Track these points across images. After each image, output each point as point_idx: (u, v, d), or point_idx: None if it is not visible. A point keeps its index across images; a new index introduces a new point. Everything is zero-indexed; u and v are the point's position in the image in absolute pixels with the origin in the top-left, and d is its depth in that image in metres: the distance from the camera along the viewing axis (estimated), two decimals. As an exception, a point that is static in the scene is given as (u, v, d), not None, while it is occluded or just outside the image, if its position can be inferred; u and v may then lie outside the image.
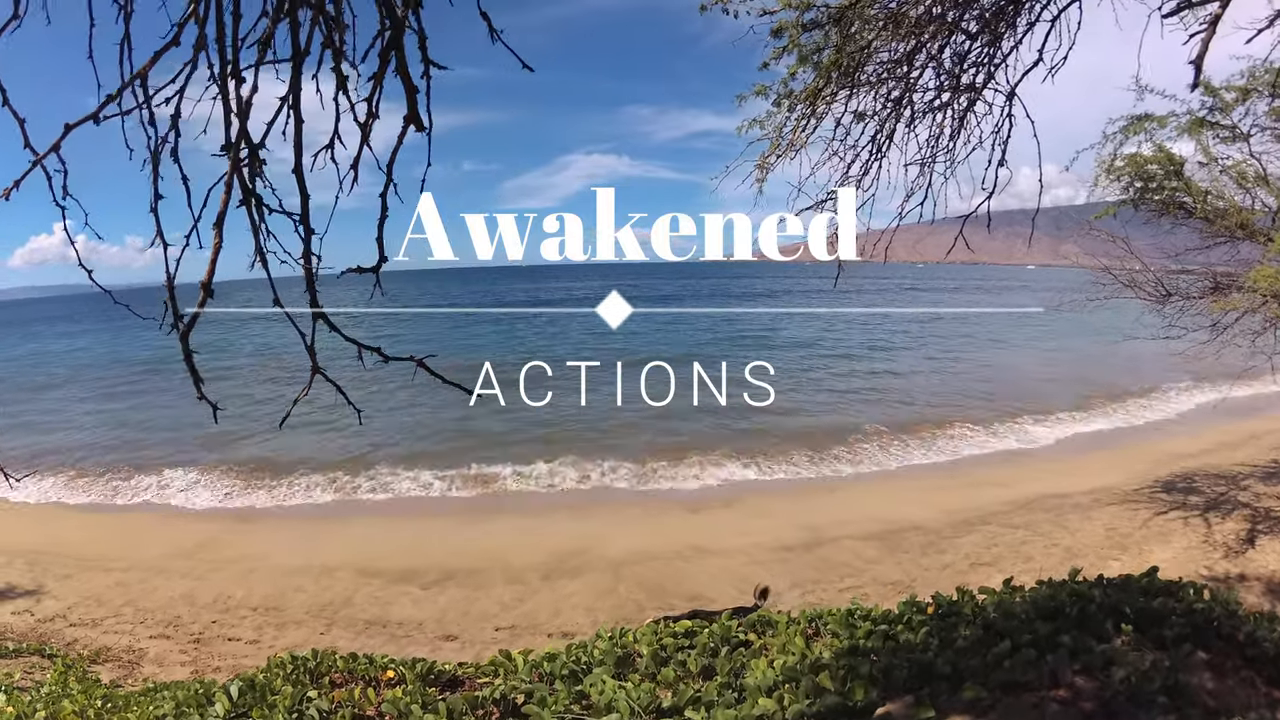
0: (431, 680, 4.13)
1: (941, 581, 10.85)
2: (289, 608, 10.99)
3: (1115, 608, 4.48)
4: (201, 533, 14.88)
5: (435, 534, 14.08)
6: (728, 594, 10.84)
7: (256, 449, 20.74)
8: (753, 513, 14.71)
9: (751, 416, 22.31)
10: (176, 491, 17.61)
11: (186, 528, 15.27)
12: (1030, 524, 13.14)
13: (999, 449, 18.94)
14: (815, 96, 3.66)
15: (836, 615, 4.33)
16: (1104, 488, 15.19)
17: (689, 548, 12.65)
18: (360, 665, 4.37)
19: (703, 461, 17.86)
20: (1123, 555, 11.61)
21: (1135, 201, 11.68)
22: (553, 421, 23.34)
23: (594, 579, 11.53)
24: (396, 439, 21.66)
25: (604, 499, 15.82)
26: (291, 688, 4.16)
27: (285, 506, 16.27)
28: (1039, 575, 10.36)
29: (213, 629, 10.36)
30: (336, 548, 13.51)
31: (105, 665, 9.14)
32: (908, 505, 14.73)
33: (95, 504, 17.11)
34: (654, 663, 3.91)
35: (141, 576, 12.45)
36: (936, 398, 25.89)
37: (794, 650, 3.89)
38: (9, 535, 14.86)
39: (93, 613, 11.11)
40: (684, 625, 4.32)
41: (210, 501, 16.86)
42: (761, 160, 3.88)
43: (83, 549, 13.99)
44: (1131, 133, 10.47)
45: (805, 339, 43.86)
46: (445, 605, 10.83)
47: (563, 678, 3.86)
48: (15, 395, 34.37)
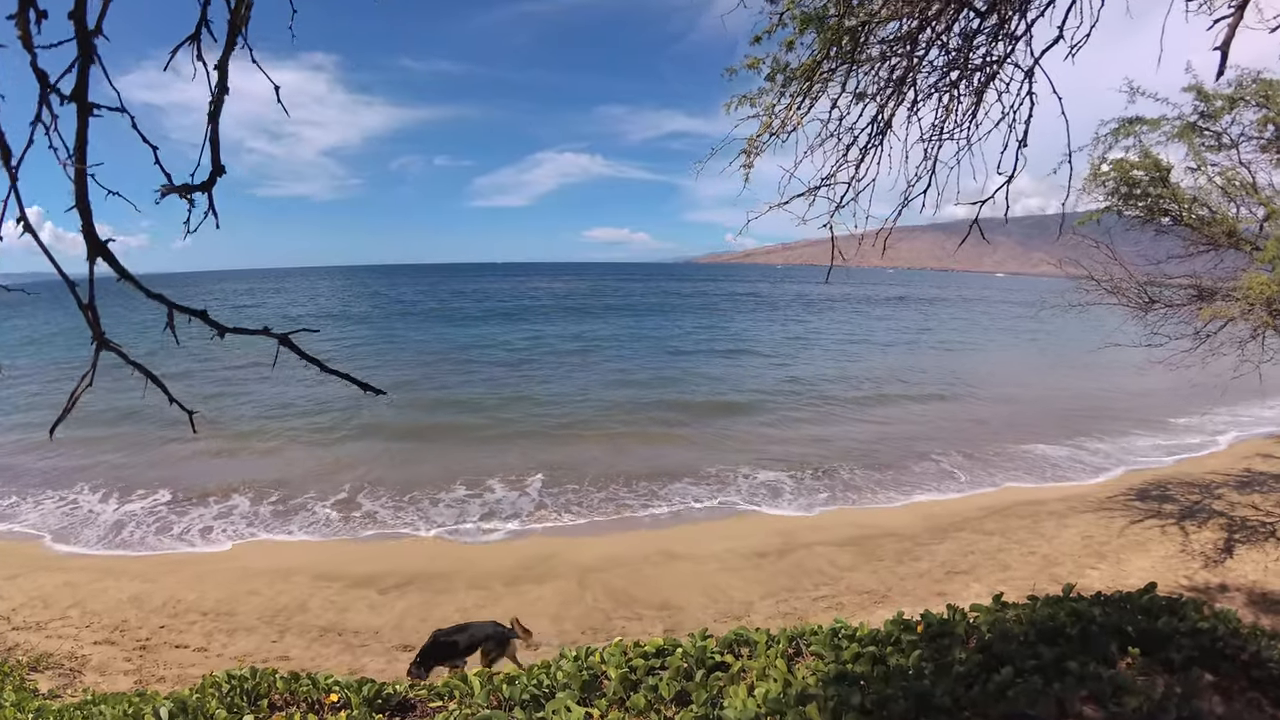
0: (379, 705, 3.77)
1: (919, 590, 10.66)
2: (241, 612, 10.50)
3: (1118, 628, 4.25)
4: (160, 529, 14.32)
5: (397, 538, 13.64)
6: (698, 601, 10.55)
7: (219, 440, 20.15)
8: (725, 516, 14.48)
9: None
10: (137, 487, 16.90)
11: (144, 527, 14.62)
12: (1005, 530, 13.01)
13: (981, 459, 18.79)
14: (814, 71, 3.34)
15: (820, 635, 4.02)
16: (1077, 495, 15.16)
17: (659, 553, 12.34)
18: (302, 687, 3.99)
19: (675, 467, 17.63)
20: (1101, 564, 11.48)
21: (1119, 208, 11.57)
22: (513, 412, 23.06)
23: (560, 586, 11.16)
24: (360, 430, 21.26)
25: (571, 502, 15.42)
26: (226, 712, 3.78)
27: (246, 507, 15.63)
28: (1017, 585, 10.30)
29: (160, 634, 9.84)
30: (295, 550, 13.04)
31: (45, 673, 8.62)
32: (882, 510, 14.60)
33: (48, 500, 16.35)
34: (623, 687, 3.58)
35: (92, 577, 11.89)
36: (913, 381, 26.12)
37: (776, 675, 3.57)
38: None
39: (38, 615, 10.54)
40: (654, 644, 3.98)
41: (173, 496, 16.16)
42: (750, 143, 3.55)
43: (31, 548, 13.40)
44: (1122, 135, 10.34)
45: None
46: (404, 611, 10.40)
47: (523, 704, 3.52)
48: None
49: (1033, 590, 9.25)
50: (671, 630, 9.59)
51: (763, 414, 23.55)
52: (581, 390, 27.96)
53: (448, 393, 27.45)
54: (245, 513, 15.11)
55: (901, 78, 3.75)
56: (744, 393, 27.39)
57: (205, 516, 14.99)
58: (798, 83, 3.38)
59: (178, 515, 15.03)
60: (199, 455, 18.79)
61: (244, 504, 15.51)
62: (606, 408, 24.53)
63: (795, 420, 22.73)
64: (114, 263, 1.24)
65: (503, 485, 16.44)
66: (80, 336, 43.32)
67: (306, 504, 15.42)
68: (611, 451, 18.80)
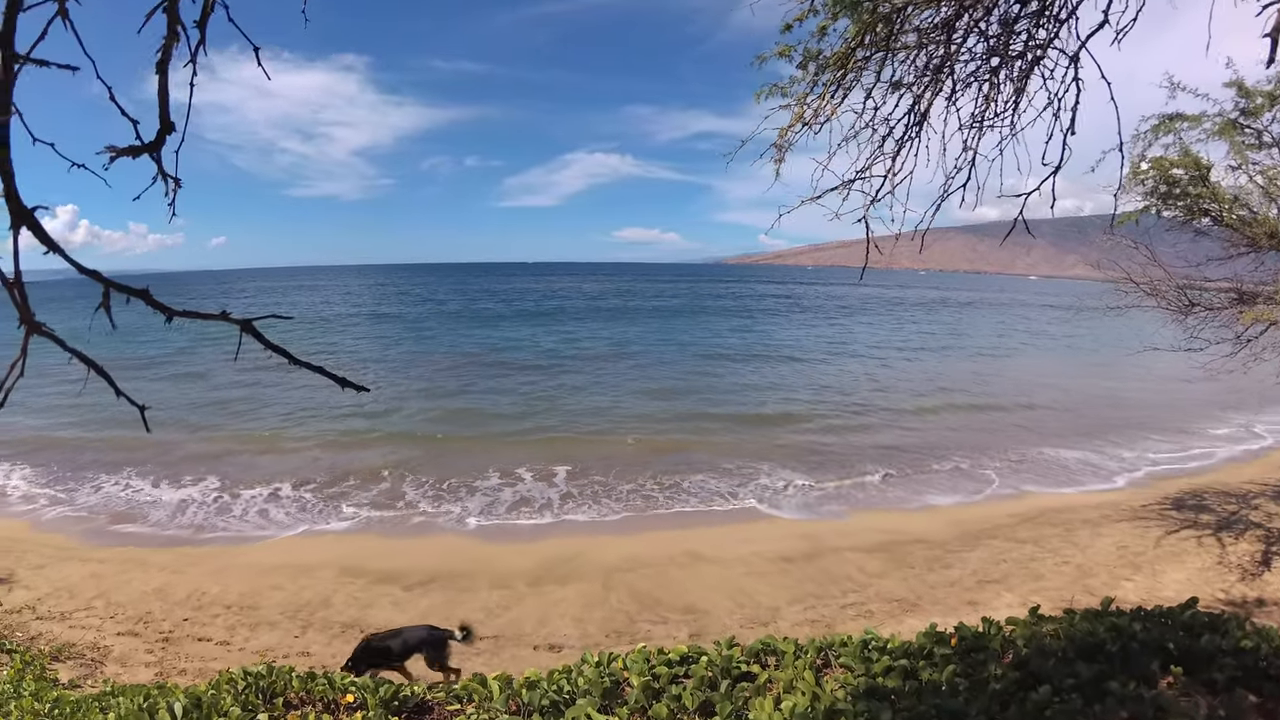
0: (396, 707, 3.69)
1: (950, 599, 10.43)
2: (264, 606, 10.51)
3: (1159, 645, 4.09)
4: (186, 523, 14.48)
5: (421, 535, 13.60)
6: (724, 606, 10.38)
7: (249, 440, 20.35)
8: (752, 519, 14.27)
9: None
10: (163, 481, 17.10)
11: (173, 519, 14.80)
12: (1038, 539, 12.70)
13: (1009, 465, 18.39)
14: (847, 59, 3.20)
15: (850, 647, 3.88)
16: (1112, 503, 14.79)
17: (684, 555, 12.18)
18: (319, 686, 3.92)
19: (705, 467, 17.53)
20: (1136, 575, 11.17)
21: (1158, 208, 11.25)
22: (544, 417, 22.98)
23: (584, 587, 11.04)
24: (382, 428, 21.38)
25: (595, 500, 15.34)
26: (240, 710, 3.72)
27: (271, 502, 15.74)
28: (1051, 595, 10.03)
29: (183, 627, 9.87)
30: (320, 545, 13.05)
31: (67, 663, 8.66)
32: (911, 515, 14.33)
33: (76, 493, 16.57)
34: (645, 695, 3.46)
35: (118, 568, 11.99)
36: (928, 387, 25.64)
37: (804, 688, 3.44)
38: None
39: (62, 605, 10.63)
40: (678, 651, 3.86)
41: (201, 493, 16.35)
42: (782, 134, 3.41)
43: (60, 538, 13.55)
44: (1161, 132, 10.02)
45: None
46: (427, 609, 10.35)
47: (542, 710, 3.42)
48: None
49: (1067, 602, 9.04)
50: (697, 635, 9.46)
51: (792, 418, 23.26)
52: (612, 391, 27.82)
53: (478, 394, 27.34)
54: (273, 507, 15.25)
55: (939, 66, 3.60)
56: (773, 397, 27.11)
57: (233, 510, 15.15)
58: (831, 71, 3.24)
59: (206, 509, 15.19)
60: (230, 452, 19.00)
61: (272, 499, 15.66)
62: (636, 410, 24.40)
63: (825, 424, 22.44)
64: (40, 233, 1.12)
65: (531, 483, 16.49)
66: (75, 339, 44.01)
67: (333, 501, 15.50)
68: (640, 452, 18.70)
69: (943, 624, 4.57)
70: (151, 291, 1.24)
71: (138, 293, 1.20)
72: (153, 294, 1.26)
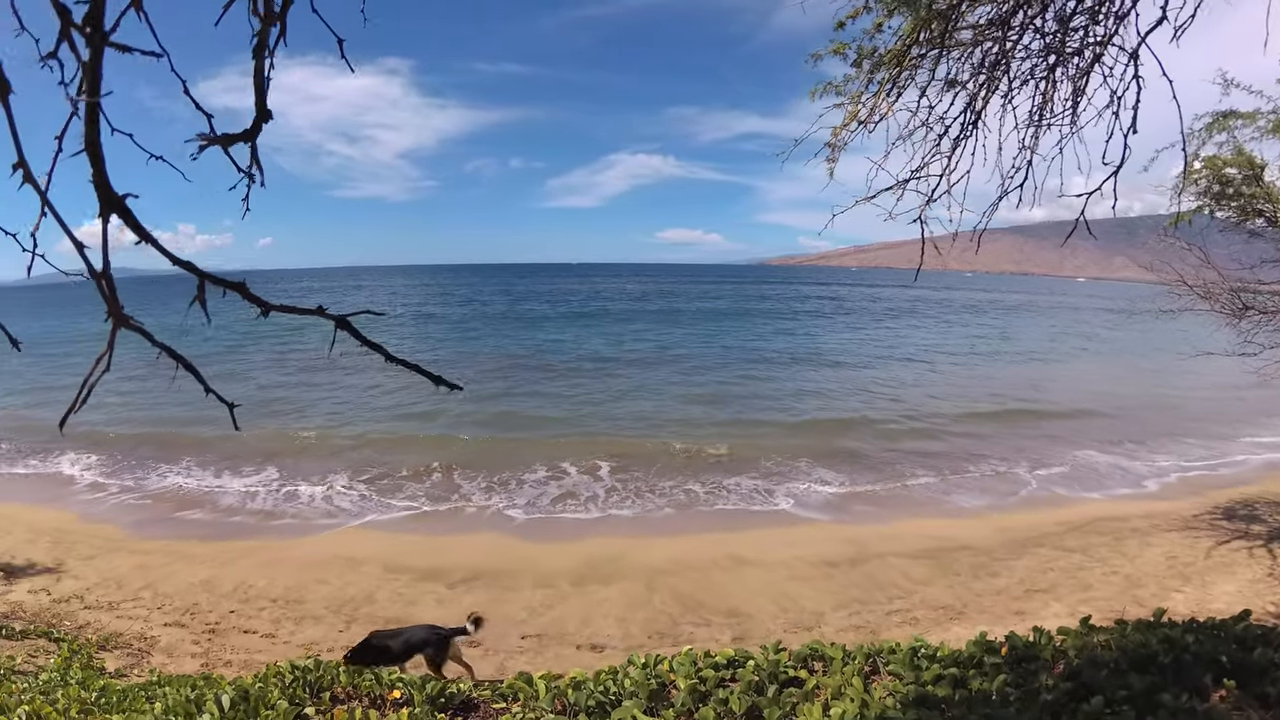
0: (442, 704, 3.71)
1: (996, 608, 10.23)
2: (309, 600, 10.67)
3: (1212, 658, 3.99)
4: (234, 516, 14.83)
5: (465, 532, 13.72)
6: (767, 610, 10.29)
7: (294, 437, 20.77)
8: (795, 523, 14.16)
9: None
10: (225, 474, 17.61)
11: (221, 513, 15.18)
12: (1086, 548, 12.40)
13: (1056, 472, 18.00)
14: (903, 57, 3.14)
15: (900, 654, 3.81)
16: (1161, 512, 14.40)
17: (728, 558, 12.09)
18: (365, 682, 3.96)
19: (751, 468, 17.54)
20: (1185, 586, 10.87)
21: (1211, 209, 10.92)
22: (589, 420, 23.00)
23: (627, 587, 11.02)
24: (428, 427, 21.60)
25: (640, 502, 15.36)
26: (287, 703, 3.77)
27: (321, 497, 16.10)
28: (1099, 606, 9.81)
29: (229, 619, 10.05)
30: (365, 540, 13.23)
31: (114, 652, 8.84)
32: (957, 521, 14.09)
33: (128, 486, 17.04)
34: (691, 698, 3.44)
35: (165, 560, 12.26)
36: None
37: (852, 695, 3.39)
38: (37, 512, 14.86)
39: (110, 595, 10.90)
40: (725, 655, 3.83)
41: (253, 485, 16.80)
42: (835, 133, 3.36)
43: (110, 530, 13.90)
44: (1215, 130, 9.72)
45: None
46: (470, 606, 10.37)
47: (588, 710, 3.41)
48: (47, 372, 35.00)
49: (1116, 613, 8.81)
50: (740, 639, 9.40)
51: (837, 422, 22.97)
52: (656, 395, 27.67)
53: (523, 396, 27.33)
54: (319, 504, 15.57)
55: (994, 63, 3.54)
56: (818, 401, 26.77)
57: (281, 505, 15.52)
58: (886, 69, 3.19)
59: (255, 504, 15.57)
60: (279, 451, 19.35)
61: (320, 496, 15.98)
62: (681, 413, 24.30)
63: (870, 429, 22.11)
64: (131, 221, 1.09)
65: (576, 476, 16.85)
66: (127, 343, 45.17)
67: (379, 498, 15.79)
68: (684, 456, 18.62)
69: (990, 633, 4.48)
70: (210, 290, 1.24)
71: (235, 285, 1.20)
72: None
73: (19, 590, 10.93)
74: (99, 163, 1.07)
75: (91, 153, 1.06)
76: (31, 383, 30.90)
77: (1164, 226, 11.21)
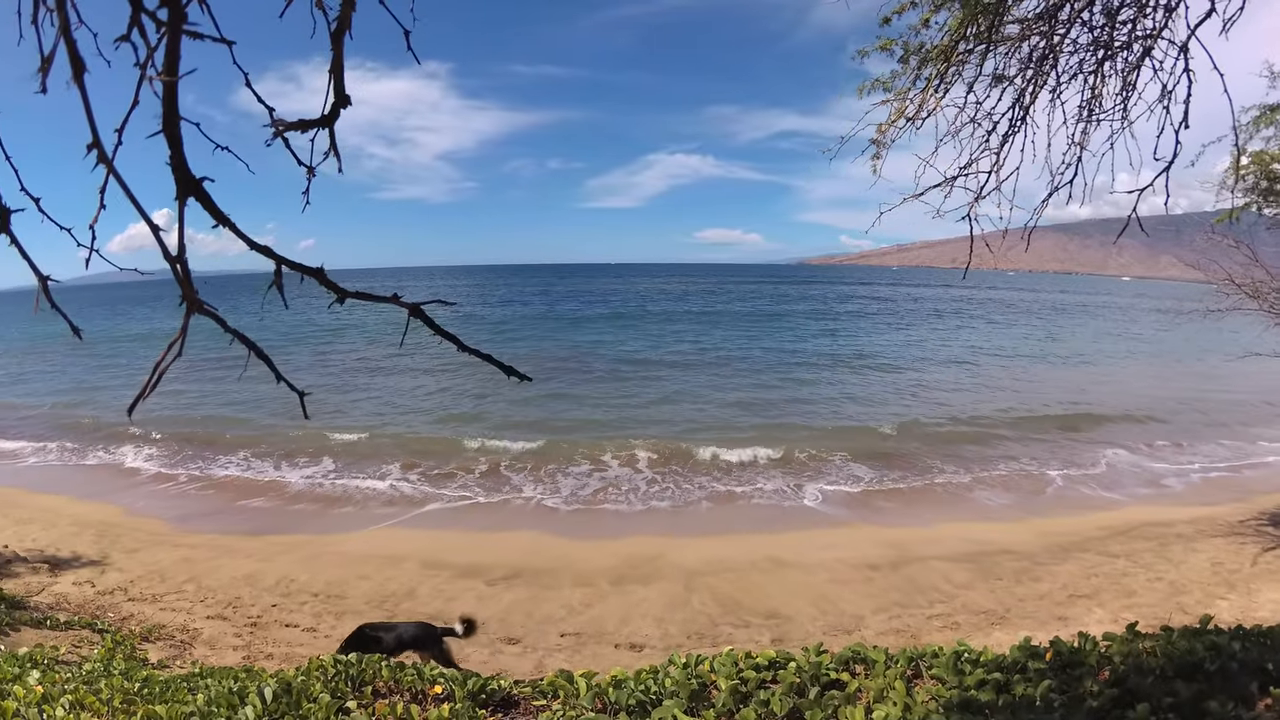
0: (483, 700, 3.73)
1: (1039, 613, 10.06)
2: (351, 596, 10.81)
3: (1259, 666, 3.89)
4: (278, 511, 15.14)
5: (504, 529, 13.84)
6: (807, 612, 10.22)
7: (342, 432, 21.14)
8: (835, 525, 14.06)
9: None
10: (269, 469, 18.06)
11: (264, 506, 15.52)
12: (1130, 553, 12.14)
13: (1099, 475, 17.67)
14: (950, 52, 3.10)
15: (943, 658, 3.76)
16: (1207, 517, 14.03)
17: (767, 559, 12.04)
18: (407, 676, 4.00)
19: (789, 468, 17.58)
20: (1230, 594, 10.60)
21: (1259, 205, 10.64)
22: (629, 422, 23.08)
23: (665, 588, 11.02)
24: (469, 428, 21.84)
25: (679, 502, 15.40)
26: (329, 696, 3.82)
27: (365, 490, 16.43)
28: (1143, 613, 9.61)
29: (271, 613, 10.23)
30: (405, 537, 13.40)
31: (156, 644, 9.02)
32: (999, 525, 13.89)
33: (174, 479, 17.48)
34: (732, 699, 3.42)
35: (209, 554, 12.50)
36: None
37: (895, 698, 3.36)
38: (82, 506, 15.26)
39: (154, 588, 11.14)
40: (766, 656, 3.80)
41: (299, 480, 17.21)
42: (880, 130, 3.33)
43: (154, 524, 14.23)
44: (1262, 124, 9.46)
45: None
46: (510, 604, 10.48)
47: (629, 709, 3.41)
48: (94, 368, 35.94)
49: (1160, 620, 8.61)
50: (779, 640, 9.35)
51: (878, 424, 22.67)
52: (697, 397, 27.49)
53: (563, 398, 27.31)
54: (357, 500, 15.92)
55: (1042, 58, 3.48)
56: (860, 403, 26.52)
57: (324, 500, 15.87)
58: (934, 65, 3.15)
59: (297, 499, 15.92)
60: (324, 449, 19.63)
61: (359, 492, 16.34)
62: (722, 414, 24.26)
63: (914, 431, 21.76)
64: (209, 203, 1.09)
65: (617, 469, 17.30)
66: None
67: (419, 496, 16.07)
68: (724, 456, 18.58)
69: (1032, 639, 4.41)
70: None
71: (313, 271, 1.20)
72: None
73: (64, 582, 11.22)
74: (177, 144, 1.06)
75: (169, 134, 1.05)
76: (76, 381, 31.84)
77: (1211, 224, 10.95)
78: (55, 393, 29.29)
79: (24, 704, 3.56)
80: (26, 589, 10.70)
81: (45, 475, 18.20)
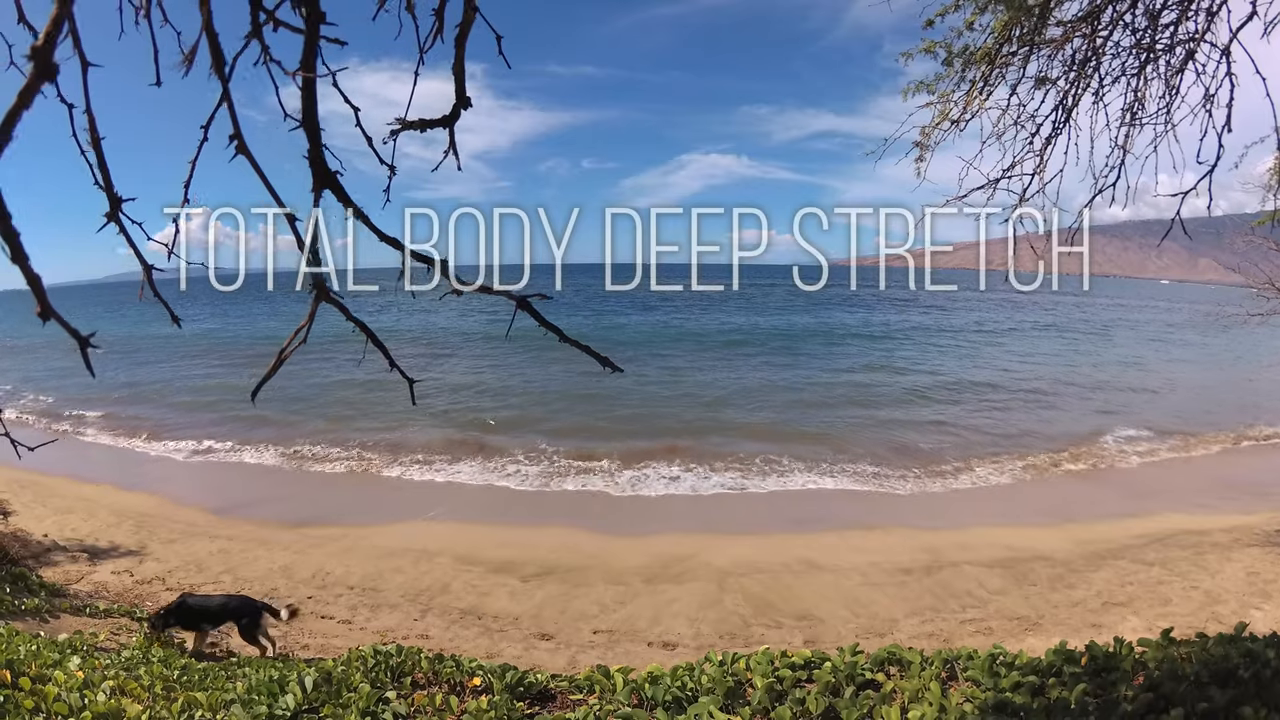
0: (521, 692, 3.80)
1: (1073, 620, 9.96)
2: (385, 589, 10.96)
3: (1293, 672, 3.84)
4: (315, 501, 15.43)
5: (536, 526, 13.95)
6: (839, 615, 10.21)
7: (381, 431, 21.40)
8: (869, 528, 13.97)
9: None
10: (313, 460, 18.46)
11: (302, 495, 15.85)
12: (1166, 561, 11.93)
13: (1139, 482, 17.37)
14: (995, 55, 3.11)
15: (978, 661, 3.77)
16: (1244, 526, 13.75)
17: (799, 562, 12.00)
18: (446, 668, 4.08)
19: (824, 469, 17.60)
20: (1266, 604, 10.41)
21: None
22: (668, 424, 23.10)
23: (698, 587, 11.04)
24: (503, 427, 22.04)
25: (712, 502, 15.46)
26: (369, 686, 3.91)
27: (402, 480, 16.76)
28: (1177, 621, 9.48)
29: (307, 604, 10.35)
30: (439, 531, 13.56)
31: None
32: (1034, 531, 13.72)
33: (209, 463, 17.88)
34: (768, 697, 3.46)
35: (245, 545, 12.71)
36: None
37: (930, 699, 3.37)
38: (121, 496, 15.61)
39: (191, 578, 11.37)
40: (802, 655, 3.84)
41: (337, 468, 17.65)
42: (925, 134, 3.34)
43: (192, 514, 14.52)
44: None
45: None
46: (543, 601, 10.57)
47: (665, 705, 3.46)
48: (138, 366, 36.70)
49: (1194, 628, 8.46)
50: (812, 641, 9.35)
51: (918, 428, 22.45)
52: (732, 401, 27.29)
53: (598, 399, 26.84)
54: (395, 492, 16.29)
55: (1085, 60, 3.48)
56: (900, 405, 26.25)
57: (361, 493, 16.23)
58: (978, 67, 3.16)
59: (329, 494, 16.19)
60: (363, 444, 19.90)
61: (395, 484, 16.69)
62: (764, 417, 24.14)
63: (953, 435, 21.53)
64: (342, 194, 1.15)
65: (653, 468, 17.36)
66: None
67: (453, 489, 16.39)
68: (764, 457, 18.47)
69: (1070, 645, 4.40)
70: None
71: (436, 263, 1.27)
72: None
73: (103, 571, 11.48)
74: (315, 137, 1.12)
75: (308, 127, 1.11)
76: (107, 381, 32.45)
77: (1250, 226, 10.74)
78: (90, 387, 29.85)
79: (65, 689, 3.63)
80: (66, 577, 10.96)
81: (86, 462, 18.56)
